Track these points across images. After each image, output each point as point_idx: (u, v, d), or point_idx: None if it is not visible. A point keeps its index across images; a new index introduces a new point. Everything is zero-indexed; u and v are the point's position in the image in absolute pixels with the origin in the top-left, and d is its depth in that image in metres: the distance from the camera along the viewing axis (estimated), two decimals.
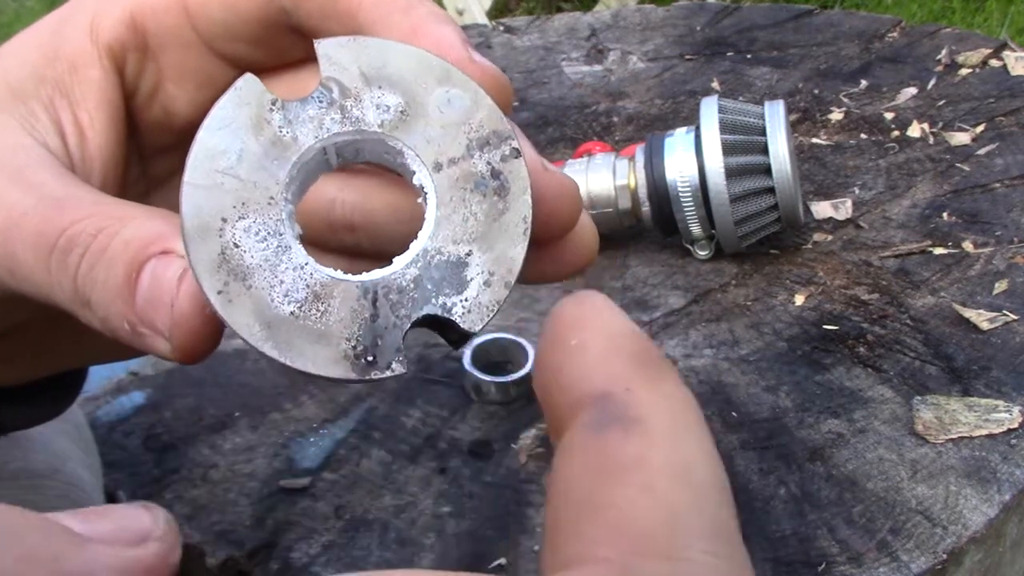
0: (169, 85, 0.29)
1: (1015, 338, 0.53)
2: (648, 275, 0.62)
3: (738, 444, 0.49)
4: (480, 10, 2.06)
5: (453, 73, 0.24)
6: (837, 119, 0.76)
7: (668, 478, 0.16)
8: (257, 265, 0.23)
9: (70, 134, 0.28)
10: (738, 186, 0.58)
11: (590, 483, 0.16)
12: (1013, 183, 0.66)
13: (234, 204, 0.23)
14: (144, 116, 0.30)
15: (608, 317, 0.19)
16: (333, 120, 0.24)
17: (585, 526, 0.16)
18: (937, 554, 0.42)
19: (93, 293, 0.24)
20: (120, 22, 0.28)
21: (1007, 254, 0.60)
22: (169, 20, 0.28)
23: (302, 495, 0.49)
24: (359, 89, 0.24)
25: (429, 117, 0.24)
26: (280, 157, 0.24)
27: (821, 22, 0.92)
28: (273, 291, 0.23)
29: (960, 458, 0.47)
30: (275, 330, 0.23)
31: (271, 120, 0.23)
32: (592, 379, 0.18)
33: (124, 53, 0.28)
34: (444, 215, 0.24)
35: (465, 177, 0.24)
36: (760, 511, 0.45)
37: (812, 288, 0.59)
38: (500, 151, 0.25)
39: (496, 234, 0.24)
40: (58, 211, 0.25)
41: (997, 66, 0.80)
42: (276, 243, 0.23)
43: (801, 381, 0.53)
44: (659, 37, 0.93)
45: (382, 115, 0.24)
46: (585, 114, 0.82)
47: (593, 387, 0.17)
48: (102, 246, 0.24)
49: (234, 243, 0.23)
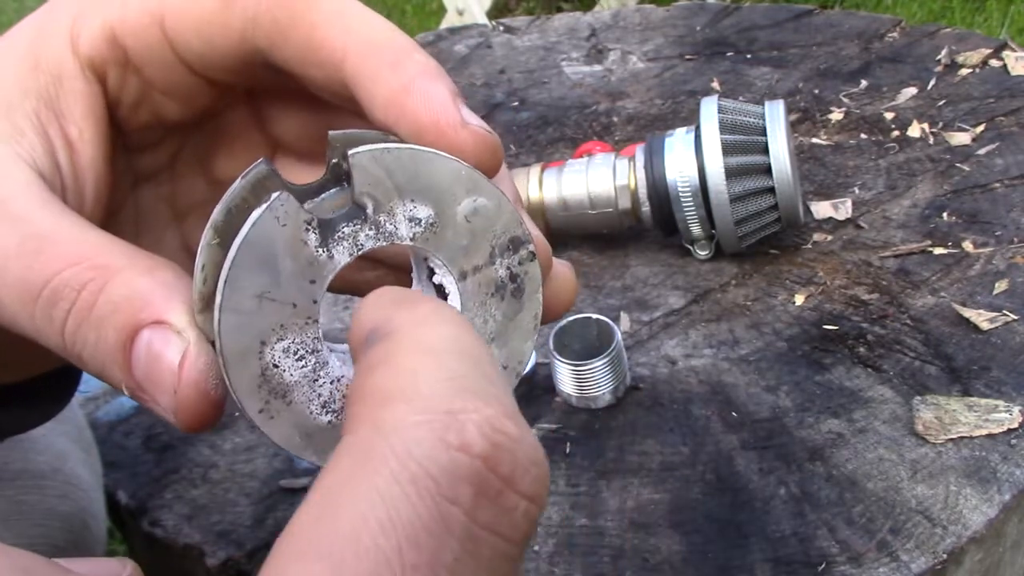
0: (155, 95, 0.29)
1: (1015, 338, 0.53)
2: (648, 275, 0.62)
3: (738, 444, 0.49)
4: (480, 10, 2.06)
5: (480, 182, 0.24)
6: (837, 119, 0.76)
7: (404, 355, 0.19)
8: (296, 382, 0.24)
9: (60, 149, 0.27)
10: (738, 186, 0.58)
11: (356, 383, 0.20)
12: (1013, 183, 0.66)
13: (273, 327, 0.23)
14: (130, 122, 0.29)
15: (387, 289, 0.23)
16: (367, 236, 0.24)
17: (349, 409, 0.19)
18: (937, 554, 0.42)
19: (84, 352, 0.24)
20: (100, 37, 0.27)
21: (1007, 254, 0.60)
22: (148, 39, 0.27)
23: (302, 495, 0.49)
24: (393, 203, 0.24)
25: (457, 227, 0.25)
26: (317, 276, 0.23)
27: (821, 22, 0.92)
28: (312, 404, 0.24)
29: (960, 458, 0.47)
30: (314, 438, 0.24)
31: (308, 240, 0.23)
32: (363, 324, 0.21)
33: (105, 67, 0.28)
34: (467, 320, 0.25)
35: (487, 283, 0.25)
36: (760, 511, 0.45)
37: (812, 288, 0.59)
38: (519, 255, 0.25)
39: (511, 331, 0.26)
40: (40, 257, 0.24)
41: (997, 66, 0.80)
42: (314, 360, 0.24)
43: (801, 381, 0.53)
44: (659, 37, 0.93)
45: (414, 228, 0.24)
46: (585, 114, 0.82)
47: (364, 327, 0.21)
48: (88, 304, 0.23)
49: (273, 364, 0.23)
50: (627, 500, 0.47)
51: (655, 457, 0.49)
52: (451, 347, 0.20)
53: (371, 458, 0.18)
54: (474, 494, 0.18)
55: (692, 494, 0.47)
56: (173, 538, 0.47)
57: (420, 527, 0.17)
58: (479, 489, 0.18)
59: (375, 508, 0.17)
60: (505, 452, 0.18)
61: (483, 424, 0.18)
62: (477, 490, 0.18)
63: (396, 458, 0.18)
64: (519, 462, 0.18)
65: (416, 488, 0.17)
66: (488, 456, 0.18)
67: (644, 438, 0.50)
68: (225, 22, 0.26)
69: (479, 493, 0.18)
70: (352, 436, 0.19)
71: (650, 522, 0.46)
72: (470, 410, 0.18)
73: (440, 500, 0.17)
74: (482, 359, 0.20)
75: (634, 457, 0.49)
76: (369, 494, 0.17)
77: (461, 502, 0.18)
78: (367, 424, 0.18)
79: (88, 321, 0.23)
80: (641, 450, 0.49)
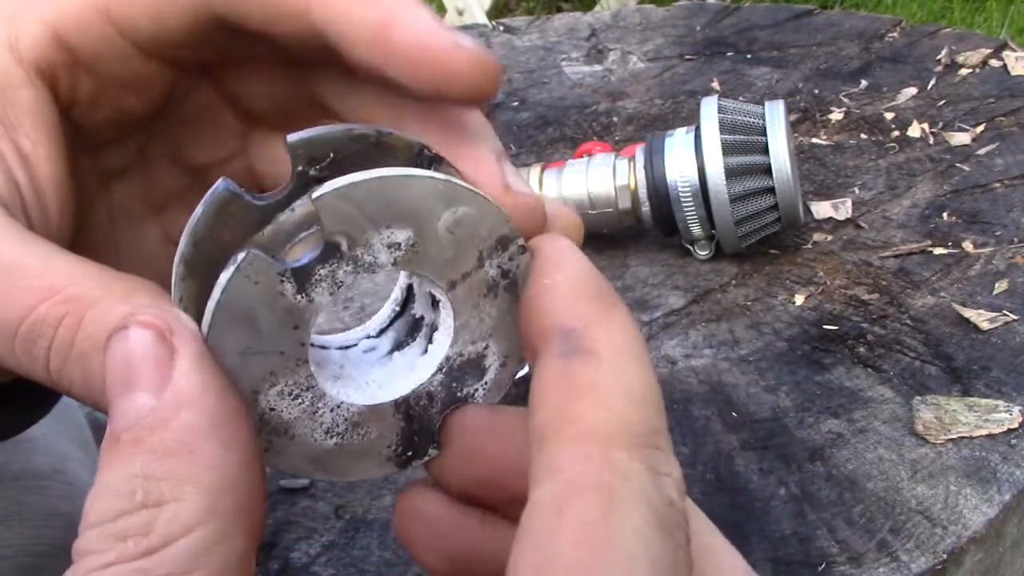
0: (111, 90, 0.27)
1: (1015, 338, 0.53)
2: (648, 275, 0.62)
3: (738, 444, 0.49)
4: (480, 10, 2.06)
5: (458, 192, 0.23)
6: (837, 119, 0.76)
7: (614, 395, 0.20)
8: (296, 418, 0.24)
9: (15, 166, 0.25)
10: (738, 186, 0.58)
11: (560, 401, 0.20)
12: (1013, 183, 0.66)
13: (263, 376, 0.23)
14: (88, 121, 0.28)
15: (573, 260, 0.23)
16: (346, 272, 0.22)
17: (564, 435, 0.20)
18: (937, 554, 0.42)
19: (73, 388, 0.23)
20: (43, 41, 0.25)
21: (1007, 254, 0.60)
22: (95, 33, 0.26)
23: (302, 495, 0.49)
24: (368, 235, 0.22)
25: (440, 241, 0.23)
26: (299, 322, 0.22)
27: (821, 22, 0.92)
28: (315, 433, 0.24)
29: (960, 458, 0.47)
30: (321, 461, 0.24)
31: (284, 291, 0.22)
32: (558, 315, 0.22)
33: (54, 70, 0.26)
34: (462, 323, 0.25)
35: (479, 286, 0.24)
36: (760, 511, 0.45)
37: (812, 288, 0.59)
38: (508, 252, 0.24)
39: (509, 323, 0.25)
40: (10, 292, 0.22)
41: (997, 66, 0.80)
42: (311, 395, 0.24)
43: (801, 381, 0.53)
44: (659, 37, 0.93)
45: (394, 253, 0.23)
46: (585, 114, 0.82)
47: (559, 322, 0.21)
48: (67, 342, 0.22)
49: (270, 408, 0.23)
50: None
51: None
52: (648, 395, 0.21)
53: (620, 499, 0.19)
54: (685, 541, 0.20)
55: (692, 494, 0.47)
56: None
57: (669, 566, 0.19)
58: (686, 536, 0.20)
59: (640, 549, 0.18)
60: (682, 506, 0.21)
61: (679, 482, 0.20)
62: (686, 537, 0.20)
63: (643, 503, 0.19)
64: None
65: (662, 532, 0.19)
66: (681, 510, 0.20)
67: None
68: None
69: (687, 540, 0.20)
70: (583, 469, 0.19)
71: None
72: (670, 471, 0.20)
73: (677, 544, 0.19)
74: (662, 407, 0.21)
75: None
76: (631, 535, 0.18)
77: (684, 545, 0.20)
78: (597, 460, 0.19)
79: (71, 358, 0.22)
80: None
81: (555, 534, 0.18)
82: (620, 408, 0.20)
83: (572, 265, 0.23)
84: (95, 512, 0.20)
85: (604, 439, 0.19)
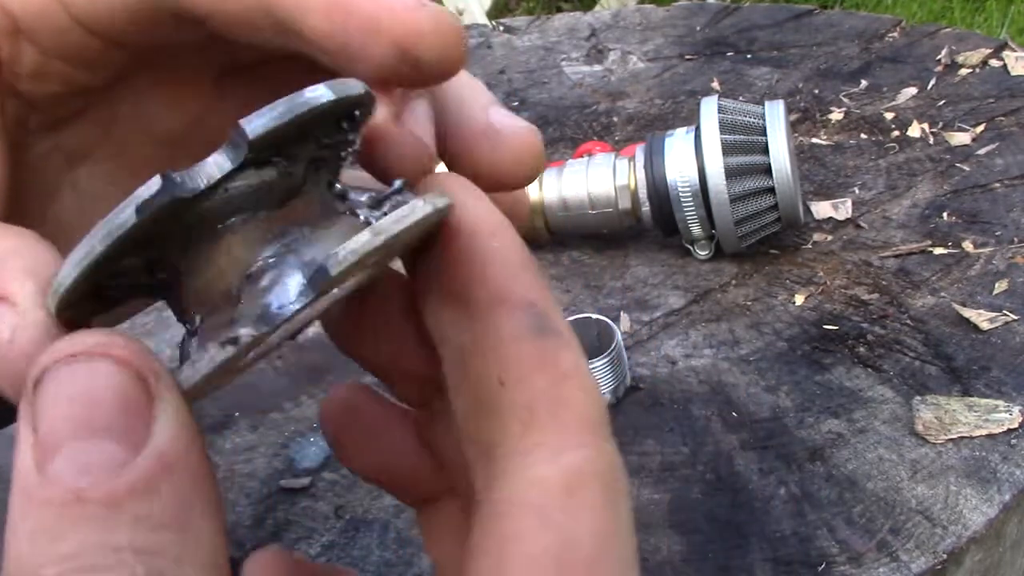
0: (58, 63, 0.25)
1: (1015, 338, 0.53)
2: (648, 275, 0.62)
3: (738, 444, 0.49)
4: (480, 10, 2.06)
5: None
6: (837, 119, 0.76)
7: (588, 380, 0.20)
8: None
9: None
10: (738, 186, 0.58)
11: (547, 383, 0.20)
12: (1013, 183, 0.66)
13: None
14: (37, 94, 0.25)
15: (506, 226, 0.22)
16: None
17: (556, 416, 0.20)
18: (937, 554, 0.42)
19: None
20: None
21: (1007, 254, 0.60)
22: (37, 3, 0.24)
23: (302, 495, 0.49)
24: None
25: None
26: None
27: (821, 22, 0.92)
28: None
29: (960, 458, 0.47)
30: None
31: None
32: (515, 287, 0.21)
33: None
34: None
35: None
36: (760, 511, 0.45)
37: (812, 288, 0.59)
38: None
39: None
40: None
41: (997, 66, 0.80)
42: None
43: (801, 381, 0.53)
44: (659, 37, 0.93)
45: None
46: (585, 114, 0.82)
47: (518, 294, 0.21)
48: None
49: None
50: None
51: (655, 457, 0.49)
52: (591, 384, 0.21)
53: (617, 490, 0.20)
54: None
55: (692, 494, 0.47)
56: None
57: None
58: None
59: (630, 535, 0.20)
60: None
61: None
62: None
63: (625, 491, 0.20)
64: None
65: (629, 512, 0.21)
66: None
67: (644, 438, 0.50)
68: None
69: None
70: (585, 455, 0.20)
71: (650, 522, 0.46)
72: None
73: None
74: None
75: (634, 457, 0.49)
76: (626, 522, 0.20)
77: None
78: (593, 448, 0.20)
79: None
80: (641, 450, 0.50)
81: (571, 517, 0.19)
82: (595, 395, 0.20)
83: (510, 231, 0.22)
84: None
85: (594, 426, 0.20)
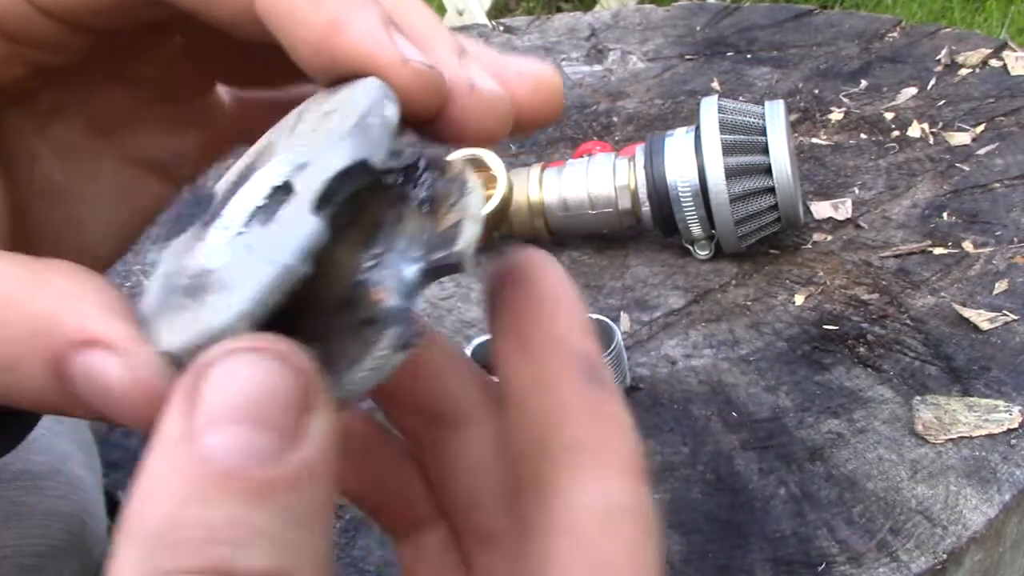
0: (22, 49, 0.24)
1: (1015, 338, 0.53)
2: (648, 275, 0.62)
3: (738, 444, 0.49)
4: (480, 10, 2.06)
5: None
6: (837, 119, 0.76)
7: (631, 428, 0.22)
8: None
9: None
10: (738, 186, 0.58)
11: (595, 427, 0.22)
12: (1013, 183, 0.66)
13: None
14: (3, 78, 0.25)
15: (567, 282, 0.24)
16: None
17: (601, 458, 0.21)
18: (937, 554, 0.42)
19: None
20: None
21: (1007, 254, 0.60)
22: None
23: None
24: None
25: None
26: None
27: (821, 22, 0.92)
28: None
29: (960, 458, 0.47)
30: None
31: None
32: (574, 336, 0.22)
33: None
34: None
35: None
36: (760, 511, 0.45)
37: (812, 288, 0.59)
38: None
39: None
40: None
41: (997, 66, 0.80)
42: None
43: (801, 381, 0.53)
44: (659, 37, 0.93)
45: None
46: (585, 114, 0.82)
47: (575, 344, 0.22)
48: (99, 386, 0.19)
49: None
50: None
51: (655, 457, 0.49)
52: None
53: (651, 528, 0.21)
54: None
55: (692, 494, 0.47)
56: None
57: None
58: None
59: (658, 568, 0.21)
60: None
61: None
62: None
63: (656, 537, 0.21)
64: None
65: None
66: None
67: (644, 438, 0.50)
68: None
69: None
70: (625, 494, 0.21)
71: None
72: None
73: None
74: None
75: None
76: (656, 558, 0.21)
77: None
78: (633, 489, 0.21)
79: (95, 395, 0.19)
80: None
81: (605, 544, 0.20)
82: (635, 443, 0.22)
83: (572, 292, 0.24)
84: (207, 544, 0.16)
85: (634, 469, 0.21)
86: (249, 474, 0.17)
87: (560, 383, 0.22)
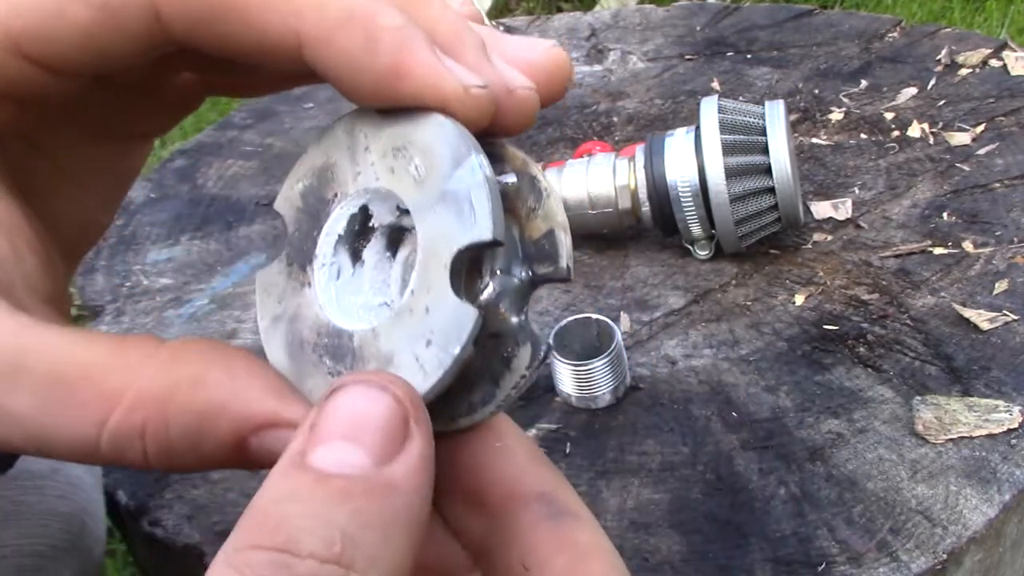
0: (9, 102, 0.25)
1: (1015, 338, 0.53)
2: (648, 275, 0.62)
3: (738, 444, 0.49)
4: (480, 10, 2.06)
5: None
6: (837, 119, 0.76)
7: (609, 552, 0.23)
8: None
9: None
10: (738, 186, 0.58)
11: (571, 561, 0.22)
12: (1013, 183, 0.66)
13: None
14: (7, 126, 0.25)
15: (513, 425, 0.25)
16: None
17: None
18: (937, 554, 0.42)
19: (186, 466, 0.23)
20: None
21: (1007, 254, 0.60)
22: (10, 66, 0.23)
23: None
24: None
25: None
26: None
27: (821, 22, 0.92)
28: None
29: (960, 458, 0.47)
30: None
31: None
32: (525, 480, 0.24)
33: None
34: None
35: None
36: (760, 511, 0.45)
37: (812, 288, 0.59)
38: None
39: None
40: (62, 408, 0.22)
41: (997, 66, 0.80)
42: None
43: (801, 381, 0.52)
44: (659, 37, 0.93)
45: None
46: (585, 114, 0.82)
47: (530, 487, 0.24)
48: (163, 439, 0.22)
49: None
50: (627, 500, 0.47)
51: (655, 457, 0.49)
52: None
53: None
54: None
55: (692, 494, 0.47)
56: (173, 538, 0.47)
57: None
58: None
59: None
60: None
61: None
62: None
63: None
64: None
65: None
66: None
67: (644, 438, 0.50)
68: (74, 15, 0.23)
69: None
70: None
71: (650, 522, 0.46)
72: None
73: None
74: None
75: (634, 457, 0.49)
76: None
77: None
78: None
79: (173, 452, 0.22)
80: (641, 450, 0.49)
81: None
82: (617, 564, 0.23)
83: (512, 427, 0.25)
84: (279, 527, 0.19)
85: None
86: (336, 480, 0.20)
87: (522, 529, 0.23)
